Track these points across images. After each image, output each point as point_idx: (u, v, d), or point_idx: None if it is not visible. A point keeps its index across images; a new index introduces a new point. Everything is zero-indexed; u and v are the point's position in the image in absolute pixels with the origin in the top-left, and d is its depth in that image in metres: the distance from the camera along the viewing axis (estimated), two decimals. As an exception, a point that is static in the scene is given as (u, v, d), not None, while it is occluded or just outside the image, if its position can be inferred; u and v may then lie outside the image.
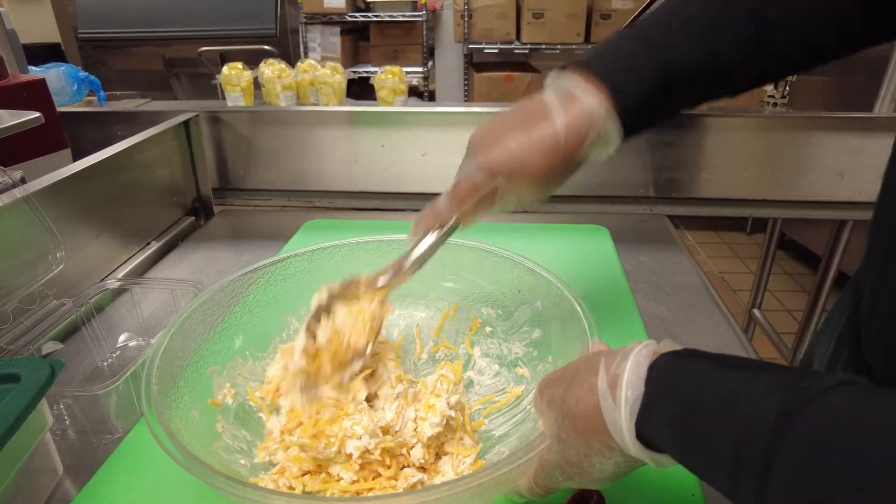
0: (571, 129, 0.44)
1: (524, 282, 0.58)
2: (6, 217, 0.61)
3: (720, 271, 2.64)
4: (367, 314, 0.51)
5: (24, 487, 0.45)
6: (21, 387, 0.43)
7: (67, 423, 0.54)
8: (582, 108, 0.44)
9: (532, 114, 0.46)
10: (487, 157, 0.46)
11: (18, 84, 0.85)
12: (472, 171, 0.47)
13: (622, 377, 0.32)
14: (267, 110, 1.09)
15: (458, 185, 0.48)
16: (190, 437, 0.43)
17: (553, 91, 0.47)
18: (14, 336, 0.57)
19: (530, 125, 0.45)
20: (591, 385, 0.34)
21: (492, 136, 0.47)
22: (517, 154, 0.45)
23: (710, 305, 0.75)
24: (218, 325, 0.55)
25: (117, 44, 3.03)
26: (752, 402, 0.26)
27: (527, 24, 2.74)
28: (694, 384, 0.30)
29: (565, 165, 0.46)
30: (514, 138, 0.45)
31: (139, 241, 0.89)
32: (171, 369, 0.47)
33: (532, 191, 0.47)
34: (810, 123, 1.01)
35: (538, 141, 0.45)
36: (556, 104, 0.45)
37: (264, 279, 0.60)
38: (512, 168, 0.45)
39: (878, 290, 0.43)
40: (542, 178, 0.46)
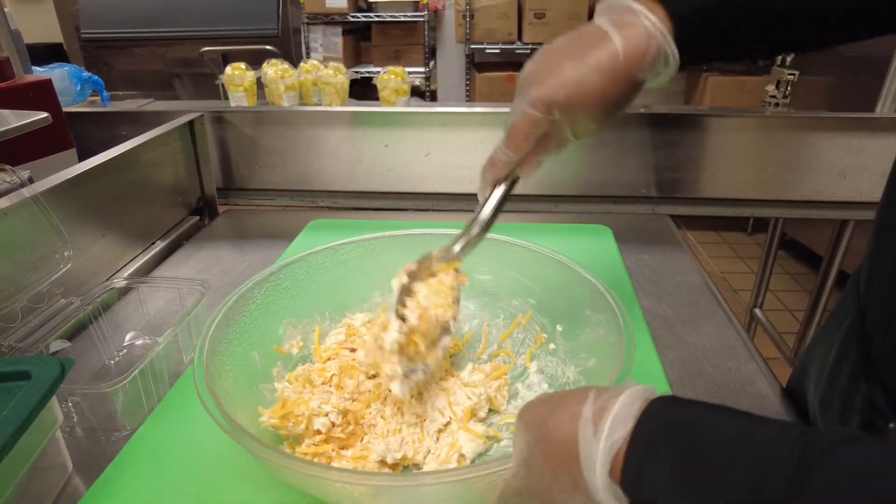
0: (630, 48, 0.41)
1: (594, 305, 0.55)
2: (15, 216, 0.62)
3: (721, 271, 2.64)
4: (447, 287, 0.51)
5: (35, 484, 0.46)
6: (32, 384, 0.43)
7: (76, 420, 0.55)
8: (641, 27, 0.42)
9: (586, 38, 0.43)
10: (542, 88, 0.42)
11: (25, 84, 0.86)
12: (525, 107, 0.43)
13: (610, 410, 0.30)
14: (270, 110, 1.10)
15: (513, 126, 0.44)
16: (240, 377, 0.50)
17: (607, 14, 0.44)
18: (23, 334, 0.58)
19: (586, 50, 0.42)
20: (574, 413, 0.31)
21: (545, 67, 0.43)
22: (575, 81, 0.42)
23: (713, 305, 0.75)
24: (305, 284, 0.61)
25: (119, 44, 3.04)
26: (765, 448, 0.25)
27: (528, 24, 2.74)
28: (697, 428, 0.27)
29: (626, 88, 0.43)
30: (570, 65, 0.42)
31: (144, 240, 0.90)
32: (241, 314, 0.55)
33: (591, 120, 0.44)
34: (812, 124, 1.01)
35: (596, 64, 0.42)
36: (611, 25, 0.42)
37: (357, 252, 0.65)
38: (570, 97, 0.42)
39: (892, 303, 0.42)
40: (602, 104, 0.43)
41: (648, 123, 1.02)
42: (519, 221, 0.99)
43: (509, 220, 1.00)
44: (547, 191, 1.08)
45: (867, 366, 0.45)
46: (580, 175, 1.06)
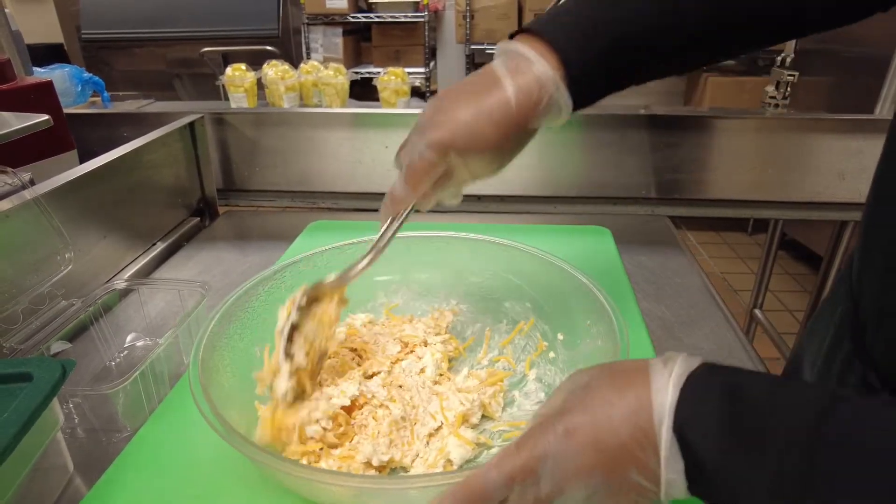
0: (522, 95, 0.43)
1: (594, 316, 0.56)
2: (16, 218, 0.62)
3: (721, 272, 2.64)
4: (330, 316, 0.51)
5: (37, 484, 0.46)
6: (33, 386, 0.43)
7: (77, 421, 0.55)
8: (533, 74, 0.43)
9: (481, 83, 0.44)
10: (438, 133, 0.44)
11: (26, 86, 0.86)
12: (423, 149, 0.45)
13: (675, 359, 0.32)
14: (271, 112, 1.10)
15: (411, 165, 0.46)
16: (239, 371, 0.51)
17: (502, 59, 0.45)
18: (24, 336, 0.58)
19: (480, 95, 0.44)
20: (641, 360, 0.34)
21: (441, 110, 0.45)
22: (468, 126, 0.43)
23: (712, 306, 0.75)
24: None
25: (120, 44, 3.04)
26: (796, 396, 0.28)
27: (528, 24, 2.75)
28: (741, 379, 0.30)
29: (518, 135, 0.45)
30: (464, 110, 0.43)
31: (145, 241, 0.90)
32: (243, 311, 0.56)
33: (486, 164, 0.46)
34: (811, 125, 1.01)
35: (488, 110, 0.43)
36: (505, 71, 0.44)
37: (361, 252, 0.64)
38: (464, 142, 0.44)
39: (885, 292, 0.43)
40: (495, 149, 0.44)
41: (647, 125, 1.02)
42: (518, 223, 0.99)
43: (510, 220, 1.01)
44: (546, 192, 1.08)
45: (861, 352, 0.46)
46: (579, 176, 1.06)
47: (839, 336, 0.51)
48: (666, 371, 0.31)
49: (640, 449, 0.30)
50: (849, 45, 2.19)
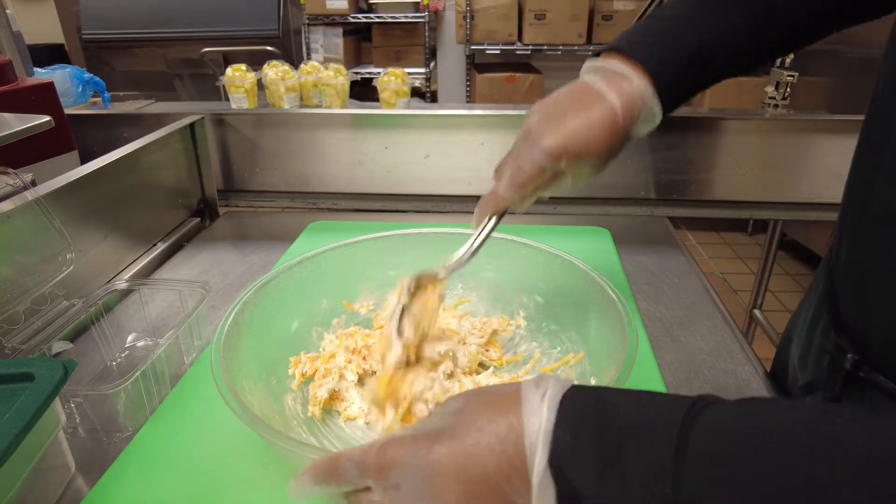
0: (626, 106, 0.48)
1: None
2: (18, 219, 0.62)
3: (721, 272, 2.65)
4: (434, 303, 0.54)
5: (39, 484, 0.46)
6: (35, 386, 0.44)
7: (78, 421, 0.56)
8: (631, 87, 0.48)
9: (584, 97, 0.49)
10: (552, 140, 0.47)
11: (27, 87, 0.86)
12: (536, 155, 0.48)
13: (547, 381, 0.32)
14: (271, 113, 1.10)
15: (521, 168, 0.49)
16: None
17: (596, 75, 0.50)
18: (26, 336, 0.58)
19: (587, 107, 0.48)
20: (514, 384, 0.33)
21: (551, 120, 0.48)
22: (581, 135, 0.47)
23: (710, 307, 0.75)
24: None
25: (120, 44, 3.04)
26: (661, 411, 0.29)
27: (528, 25, 2.75)
28: (611, 399, 0.30)
29: (621, 142, 0.49)
30: (575, 120, 0.48)
31: (146, 242, 0.90)
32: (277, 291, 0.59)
33: (592, 169, 0.50)
34: (810, 126, 1.02)
35: (599, 121, 0.47)
36: (604, 85, 0.48)
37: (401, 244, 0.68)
38: (577, 149, 0.47)
39: (852, 252, 0.47)
40: (604, 156, 0.49)
41: (647, 126, 1.02)
42: (518, 223, 1.00)
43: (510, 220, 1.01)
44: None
45: (835, 317, 0.50)
46: (579, 177, 1.06)
47: (819, 308, 0.55)
48: (538, 392, 0.31)
49: (507, 482, 0.29)
50: (849, 45, 2.19)
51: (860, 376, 0.47)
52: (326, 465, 0.34)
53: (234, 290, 0.81)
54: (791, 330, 0.65)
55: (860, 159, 0.49)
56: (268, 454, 0.51)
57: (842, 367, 0.49)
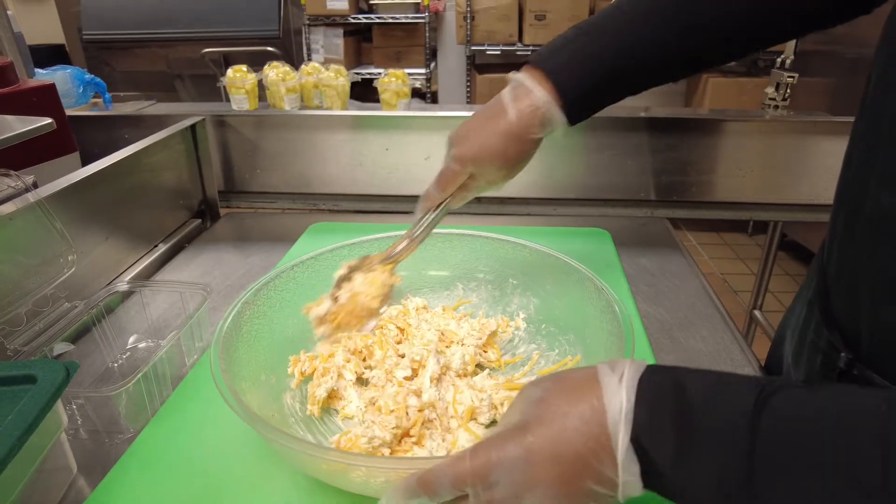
0: (521, 118, 0.54)
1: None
2: (20, 221, 0.63)
3: (722, 272, 2.65)
4: (380, 282, 0.61)
5: (41, 485, 0.47)
6: (38, 388, 0.44)
7: (80, 422, 0.56)
8: (529, 101, 0.54)
9: (493, 110, 0.57)
10: (458, 148, 0.57)
11: (29, 89, 0.87)
12: (448, 161, 0.58)
13: (623, 364, 0.34)
14: (272, 114, 1.10)
15: (440, 174, 0.59)
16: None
17: (508, 88, 0.56)
18: (28, 338, 0.59)
19: (490, 119, 0.56)
20: (588, 371, 0.35)
21: (462, 132, 0.58)
22: (479, 144, 0.56)
23: (710, 308, 0.76)
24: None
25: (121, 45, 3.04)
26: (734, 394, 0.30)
27: (529, 25, 2.75)
28: (685, 383, 0.32)
29: (521, 148, 0.56)
30: (478, 132, 0.57)
31: (147, 243, 0.90)
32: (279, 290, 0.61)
33: (496, 171, 0.57)
34: (809, 128, 1.02)
35: (494, 131, 0.55)
36: (508, 99, 0.55)
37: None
38: (477, 156, 0.56)
39: (844, 251, 0.48)
40: (503, 160, 0.56)
41: (647, 127, 1.02)
42: (518, 224, 1.00)
43: (510, 222, 1.01)
44: (546, 194, 1.08)
45: (827, 315, 0.51)
46: (579, 178, 1.07)
47: (812, 306, 0.56)
48: (615, 376, 0.33)
49: (596, 458, 0.31)
50: (849, 45, 2.20)
51: (854, 374, 0.47)
52: (419, 481, 0.36)
53: (235, 292, 0.81)
54: (784, 327, 0.65)
55: (851, 158, 0.49)
56: (269, 455, 0.51)
57: (835, 366, 0.49)
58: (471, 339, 0.61)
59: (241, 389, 0.48)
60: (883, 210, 0.42)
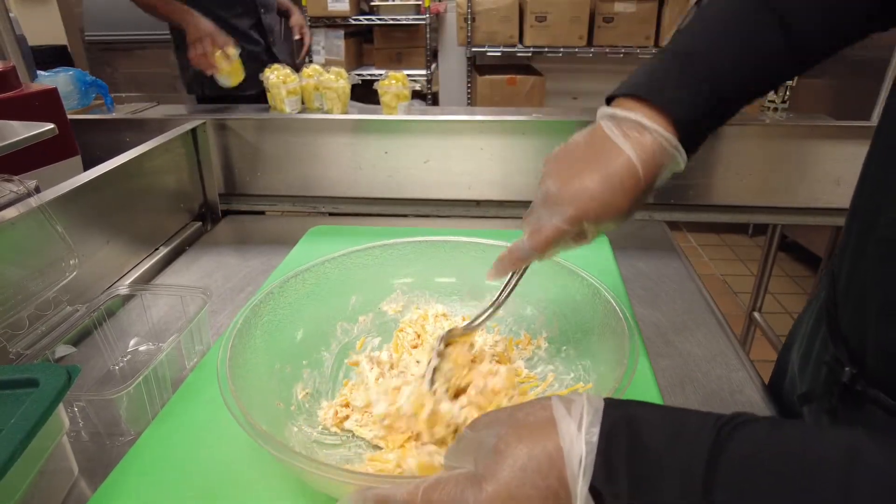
0: (647, 161, 0.45)
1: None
2: (22, 226, 0.63)
3: (722, 274, 2.65)
4: (465, 360, 0.56)
5: (43, 487, 0.47)
6: (40, 391, 0.45)
7: (81, 425, 0.56)
8: (652, 139, 0.45)
9: (601, 151, 0.46)
10: (571, 209, 0.46)
11: (31, 94, 0.87)
12: (556, 221, 0.47)
13: (580, 402, 0.33)
14: (272, 118, 1.11)
15: (542, 231, 0.48)
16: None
17: (614, 123, 0.47)
18: (30, 341, 0.59)
19: (605, 163, 0.46)
20: (544, 403, 0.34)
21: (567, 182, 0.47)
22: (601, 198, 0.45)
23: (706, 312, 0.76)
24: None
25: (123, 46, 3.05)
26: (690, 433, 0.30)
27: (530, 27, 2.75)
28: (641, 424, 0.32)
29: (644, 197, 0.47)
30: (594, 181, 0.45)
31: (148, 246, 0.91)
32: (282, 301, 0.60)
33: (614, 225, 0.48)
34: (808, 132, 1.02)
35: (619, 180, 0.45)
36: (623, 139, 0.46)
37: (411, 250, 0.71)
38: (597, 214, 0.46)
39: (854, 265, 0.47)
40: (626, 215, 0.47)
41: (645, 131, 1.03)
42: (516, 227, 1.00)
43: (509, 225, 1.02)
44: (545, 197, 1.09)
45: (833, 329, 0.50)
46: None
47: (819, 319, 0.55)
48: (573, 421, 0.32)
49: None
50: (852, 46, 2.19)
51: (857, 390, 0.46)
52: (372, 499, 0.36)
53: (235, 294, 0.82)
54: (793, 335, 0.65)
55: (869, 170, 0.47)
56: (268, 458, 0.52)
57: (839, 380, 0.48)
58: (486, 355, 0.60)
59: (249, 403, 0.48)
60: (894, 230, 0.41)
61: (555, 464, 0.31)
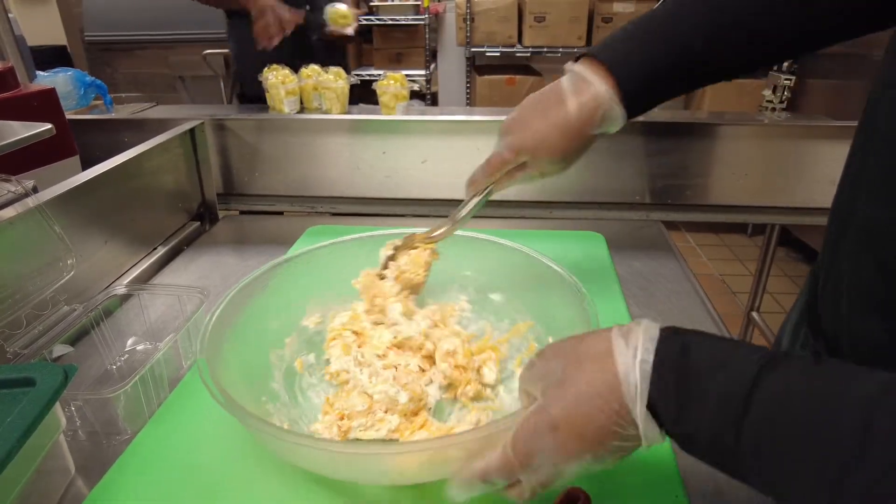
0: (581, 111, 0.53)
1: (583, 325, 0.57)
2: (20, 226, 0.64)
3: (721, 273, 2.65)
4: (423, 260, 0.64)
5: (40, 486, 0.48)
6: (36, 391, 0.45)
7: (78, 424, 0.57)
8: (590, 93, 0.53)
9: (550, 99, 0.55)
10: (514, 137, 0.56)
11: (30, 94, 0.88)
12: (501, 149, 0.57)
13: (636, 332, 0.35)
14: (271, 118, 1.11)
15: (490, 159, 0.59)
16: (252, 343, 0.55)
17: (568, 78, 0.55)
18: (28, 341, 0.60)
19: (548, 109, 0.55)
20: (604, 335, 0.37)
21: (518, 120, 0.57)
22: (537, 135, 0.55)
23: (702, 312, 0.76)
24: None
25: (122, 46, 3.06)
26: (734, 366, 0.32)
27: (528, 27, 2.76)
28: (692, 353, 0.34)
29: (579, 142, 0.55)
30: (535, 121, 0.55)
31: (146, 246, 0.91)
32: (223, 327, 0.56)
33: (552, 164, 0.57)
34: (805, 132, 1.02)
35: (554, 123, 0.54)
36: (568, 90, 0.54)
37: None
38: (534, 147, 0.56)
39: (832, 261, 0.48)
40: (560, 153, 0.55)
41: (643, 131, 1.03)
42: (514, 228, 1.01)
43: (507, 225, 1.02)
44: (542, 197, 1.09)
45: (814, 323, 0.52)
46: (575, 181, 1.07)
47: (802, 317, 0.57)
48: (629, 351, 0.35)
49: (619, 426, 0.35)
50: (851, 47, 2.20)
51: None
52: (477, 476, 0.40)
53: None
54: (782, 331, 0.66)
55: (849, 168, 0.49)
56: (265, 455, 0.52)
57: None
58: (425, 322, 0.63)
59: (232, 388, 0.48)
60: (868, 221, 0.43)
61: (614, 391, 0.35)
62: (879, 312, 0.42)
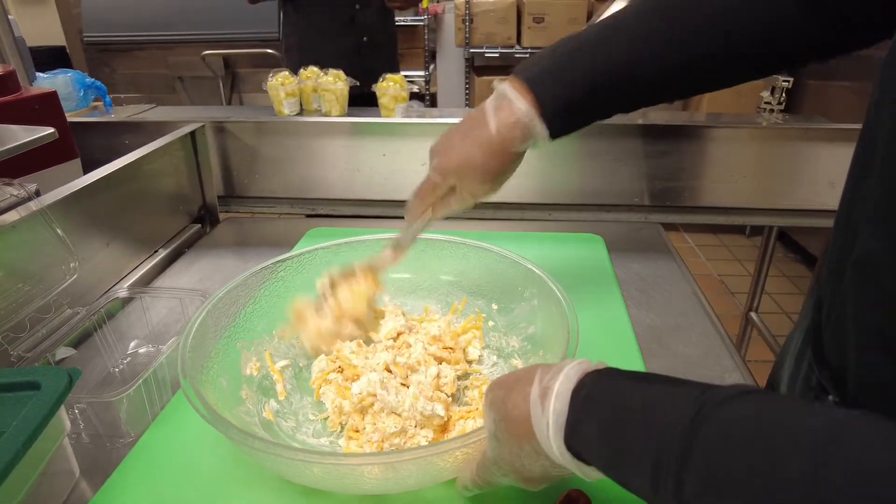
0: (501, 128, 0.53)
1: (524, 280, 0.64)
2: (23, 230, 0.64)
3: (719, 274, 2.66)
4: (364, 295, 0.62)
5: (44, 489, 0.48)
6: (41, 394, 0.45)
7: (82, 427, 0.57)
8: (510, 112, 0.53)
9: (474, 119, 0.55)
10: (439, 160, 0.56)
11: (31, 97, 0.88)
12: (430, 172, 0.57)
13: (553, 389, 0.35)
14: (271, 121, 1.12)
15: (421, 185, 0.59)
16: (217, 401, 0.51)
17: (492, 97, 0.55)
18: (31, 344, 0.60)
19: (471, 129, 0.55)
20: (526, 394, 0.37)
21: (443, 142, 0.57)
22: (461, 155, 0.55)
23: (700, 314, 0.77)
24: (246, 308, 0.64)
25: (122, 47, 3.06)
26: (669, 411, 0.30)
27: (527, 28, 2.76)
28: (618, 398, 0.33)
29: (502, 160, 0.54)
30: (459, 142, 0.55)
31: (147, 248, 0.92)
32: (204, 343, 0.56)
33: (480, 186, 0.56)
34: (802, 134, 1.03)
35: (476, 142, 0.54)
36: (490, 109, 0.54)
37: (289, 269, 0.71)
38: (458, 167, 0.55)
39: (834, 290, 0.46)
40: (484, 173, 0.55)
41: (641, 133, 1.04)
42: (513, 230, 1.01)
43: (505, 227, 1.02)
44: (541, 199, 1.10)
45: (818, 354, 0.51)
46: (574, 183, 1.08)
47: (806, 342, 0.55)
48: (543, 420, 0.35)
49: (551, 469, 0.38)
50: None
51: None
52: (480, 481, 0.44)
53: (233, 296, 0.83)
54: (783, 355, 0.63)
55: (847, 193, 0.46)
56: (266, 460, 0.52)
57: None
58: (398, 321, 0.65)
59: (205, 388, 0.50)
60: (867, 254, 0.40)
61: (531, 439, 0.37)
62: (887, 352, 0.39)
